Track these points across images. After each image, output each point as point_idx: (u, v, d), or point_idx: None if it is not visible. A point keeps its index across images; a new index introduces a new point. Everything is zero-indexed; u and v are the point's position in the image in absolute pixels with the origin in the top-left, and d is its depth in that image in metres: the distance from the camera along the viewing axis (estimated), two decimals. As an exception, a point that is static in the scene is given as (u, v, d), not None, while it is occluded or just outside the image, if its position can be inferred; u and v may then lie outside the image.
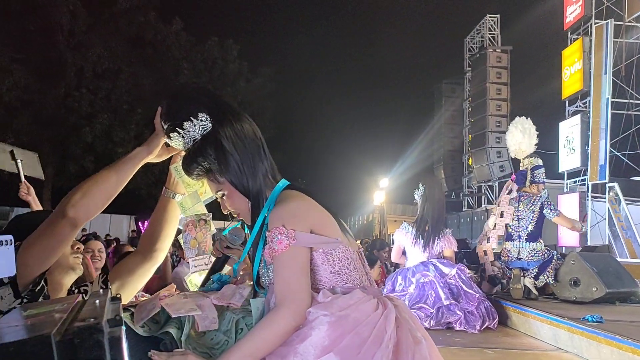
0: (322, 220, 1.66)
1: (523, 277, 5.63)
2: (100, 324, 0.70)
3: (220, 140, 1.69)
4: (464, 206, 24.84)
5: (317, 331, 1.43)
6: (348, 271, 1.65)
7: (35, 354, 0.65)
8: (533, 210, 5.72)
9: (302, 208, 1.64)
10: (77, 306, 0.92)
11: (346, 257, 1.65)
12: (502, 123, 21.51)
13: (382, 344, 1.44)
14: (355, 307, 1.50)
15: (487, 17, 23.75)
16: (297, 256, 1.56)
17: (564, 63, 16.42)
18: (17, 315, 0.90)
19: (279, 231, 1.56)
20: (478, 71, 22.46)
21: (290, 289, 1.52)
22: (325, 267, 1.63)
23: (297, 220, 1.58)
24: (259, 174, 1.73)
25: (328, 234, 1.64)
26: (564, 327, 4.35)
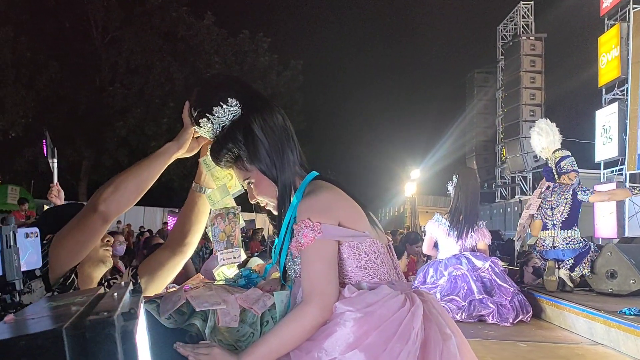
0: (350, 212, 1.62)
1: (558, 269, 5.51)
2: (113, 317, 0.69)
3: (250, 126, 1.68)
4: (497, 197, 24.50)
5: (343, 327, 1.42)
6: (375, 265, 1.62)
7: (46, 348, 0.65)
8: (566, 197, 5.59)
9: (329, 200, 1.61)
10: (96, 299, 0.92)
11: (373, 251, 1.62)
12: (536, 112, 21.12)
13: (409, 341, 1.42)
14: (382, 304, 1.47)
15: (520, 4, 23.28)
16: (323, 249, 1.54)
17: (601, 50, 15.99)
18: (40, 307, 0.91)
19: (305, 224, 1.54)
20: (511, 59, 22.06)
21: (317, 283, 1.50)
22: (351, 261, 1.60)
23: (324, 213, 1.56)
24: (288, 162, 1.71)
25: (356, 226, 1.61)
26: (600, 320, 4.25)
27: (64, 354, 0.65)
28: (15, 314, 0.84)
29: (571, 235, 5.53)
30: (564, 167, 5.67)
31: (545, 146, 5.99)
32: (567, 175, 5.65)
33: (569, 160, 5.68)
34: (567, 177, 5.66)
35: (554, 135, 5.95)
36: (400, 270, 1.75)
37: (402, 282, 1.68)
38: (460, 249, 5.37)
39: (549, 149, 5.93)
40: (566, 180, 5.66)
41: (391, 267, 1.67)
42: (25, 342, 0.64)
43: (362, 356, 1.37)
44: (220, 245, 2.15)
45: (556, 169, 5.75)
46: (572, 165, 5.68)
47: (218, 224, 2.14)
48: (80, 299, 0.91)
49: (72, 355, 0.66)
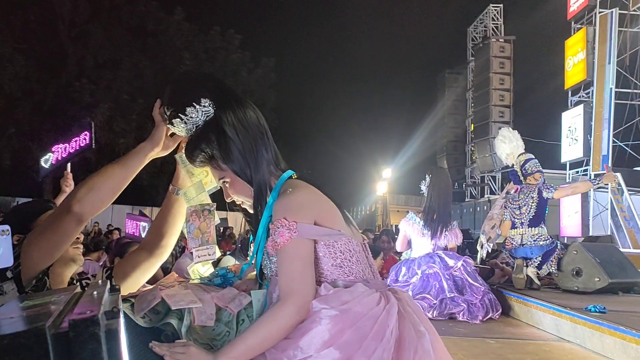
0: (325, 211, 1.63)
1: (526, 267, 5.62)
2: (97, 316, 0.68)
3: (222, 127, 1.67)
4: (467, 196, 24.82)
5: (318, 325, 1.42)
6: (350, 264, 1.62)
7: (29, 347, 0.64)
8: (532, 196, 5.77)
9: (305, 199, 1.61)
10: (74, 298, 0.90)
11: (349, 249, 1.62)
12: (504, 113, 21.46)
13: (384, 338, 1.43)
14: (357, 301, 1.48)
15: (490, 7, 23.62)
16: (300, 248, 1.54)
17: (567, 53, 16.33)
18: (14, 307, 0.89)
19: (281, 223, 1.54)
20: (481, 61, 22.36)
21: (294, 282, 1.50)
22: (327, 259, 1.60)
23: (299, 212, 1.56)
24: (262, 162, 1.70)
25: (331, 225, 1.61)
26: (566, 317, 4.34)
27: (48, 353, 0.64)
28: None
29: (538, 232, 5.67)
30: (529, 169, 5.86)
31: (509, 152, 6.21)
32: (533, 176, 5.85)
33: (533, 162, 5.88)
34: (532, 178, 5.85)
35: (517, 141, 6.20)
36: (375, 268, 1.75)
37: (377, 281, 1.68)
38: (433, 248, 5.43)
39: (514, 154, 6.16)
40: (532, 180, 5.85)
41: (366, 266, 1.67)
42: (8, 342, 0.63)
43: (337, 354, 1.38)
44: (195, 242, 2.13)
45: (522, 172, 5.95)
46: (536, 166, 5.87)
47: (193, 221, 2.12)
48: (58, 297, 0.89)
49: (55, 354, 0.65)
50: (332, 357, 1.38)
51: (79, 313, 0.70)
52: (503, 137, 6.30)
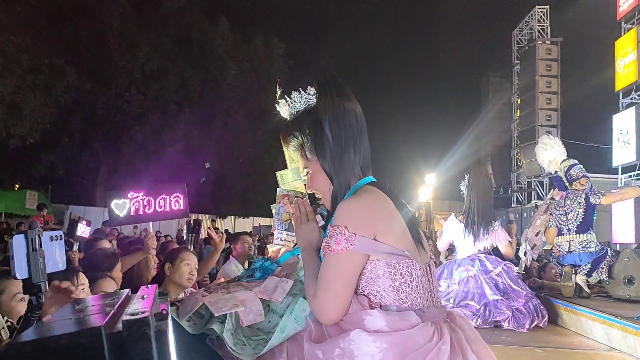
0: (389, 227, 1.56)
1: (574, 274, 5.48)
2: (148, 317, 0.73)
3: (319, 120, 1.68)
4: (513, 202, 24.33)
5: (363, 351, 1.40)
6: (409, 289, 1.56)
7: (86, 346, 0.69)
8: (579, 202, 5.62)
9: (369, 210, 1.56)
10: (125, 301, 0.96)
11: (410, 273, 1.56)
12: (552, 117, 20.99)
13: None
14: (409, 334, 1.44)
15: (536, 9, 23.17)
16: (349, 262, 1.51)
17: (618, 54, 15.87)
18: (70, 309, 0.95)
19: (340, 231, 1.51)
20: (527, 64, 21.96)
21: (325, 292, 1.49)
22: (385, 279, 1.55)
23: (361, 224, 1.52)
24: (347, 162, 1.68)
25: (394, 244, 1.54)
26: (617, 326, 4.22)
27: (103, 351, 0.69)
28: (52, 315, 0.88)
29: (587, 238, 5.52)
30: (574, 175, 5.71)
31: (551, 159, 6.09)
32: (579, 181, 5.70)
33: (578, 168, 5.74)
34: (578, 184, 5.70)
35: (558, 147, 6.08)
36: (437, 292, 1.69)
37: (435, 309, 1.61)
38: (477, 250, 5.36)
39: (556, 160, 6.03)
40: (578, 186, 5.70)
41: (427, 291, 1.61)
42: (67, 340, 0.68)
43: None
44: (282, 225, 2.15)
45: (566, 178, 5.81)
46: (582, 172, 5.72)
47: (284, 204, 2.13)
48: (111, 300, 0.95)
49: (110, 352, 0.70)
50: None
51: (131, 314, 0.75)
52: (544, 144, 6.18)
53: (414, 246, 1.59)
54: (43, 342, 0.68)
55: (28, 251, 1.44)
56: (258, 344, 1.53)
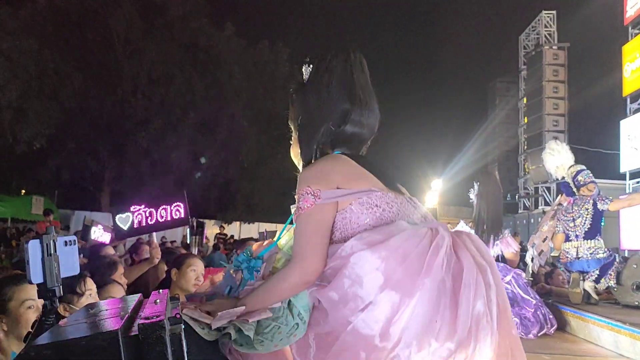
0: (349, 175, 1.65)
1: (582, 281, 5.45)
2: (163, 321, 0.73)
3: (306, 89, 1.80)
4: (520, 208, 24.26)
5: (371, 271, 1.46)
6: (391, 214, 1.64)
7: (104, 348, 0.69)
8: (586, 208, 5.59)
9: (327, 166, 1.67)
10: (139, 305, 0.96)
11: (385, 202, 1.64)
12: (559, 122, 20.97)
13: (435, 273, 1.45)
14: (404, 237, 1.51)
15: (542, 14, 23.15)
16: (319, 215, 1.60)
17: (625, 59, 15.82)
18: (86, 312, 0.95)
19: (305, 191, 1.61)
20: (534, 69, 21.94)
21: (303, 249, 1.58)
22: (365, 216, 1.62)
23: (322, 180, 1.62)
24: (315, 138, 1.76)
25: (358, 187, 1.63)
26: (625, 333, 4.19)
27: (120, 354, 0.69)
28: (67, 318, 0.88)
29: (595, 244, 5.49)
30: (581, 180, 5.69)
31: (559, 164, 6.06)
32: (586, 187, 5.66)
33: (585, 173, 5.71)
34: (586, 189, 5.67)
35: (566, 153, 6.05)
36: (430, 217, 1.75)
37: (429, 222, 1.67)
38: None
39: (564, 166, 6.00)
40: (585, 192, 5.67)
41: (414, 213, 1.68)
42: (85, 343, 0.68)
43: (394, 294, 1.42)
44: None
45: (574, 183, 5.78)
46: (589, 177, 5.70)
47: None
48: (125, 304, 0.95)
49: (126, 354, 0.70)
50: (390, 300, 1.42)
51: (146, 318, 0.75)
52: (551, 150, 6.16)
53: (381, 186, 1.67)
54: (62, 344, 0.69)
55: (43, 256, 1.45)
56: (273, 333, 1.54)
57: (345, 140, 1.77)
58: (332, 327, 1.48)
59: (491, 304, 1.49)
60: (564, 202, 5.94)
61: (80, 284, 2.57)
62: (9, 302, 2.19)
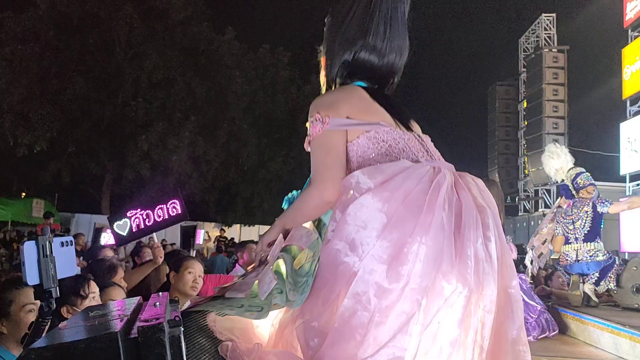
0: (360, 106, 1.70)
1: (582, 284, 5.45)
2: (162, 324, 0.74)
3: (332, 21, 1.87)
4: (520, 210, 24.24)
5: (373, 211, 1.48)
6: (397, 150, 1.67)
7: (103, 350, 0.70)
8: (586, 211, 5.60)
9: (339, 96, 1.73)
10: (138, 308, 0.97)
11: (393, 137, 1.68)
12: (559, 125, 20.95)
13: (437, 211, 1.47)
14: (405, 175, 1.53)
15: (542, 16, 23.16)
16: (329, 139, 1.65)
17: (625, 62, 15.83)
18: (86, 315, 0.96)
19: (315, 118, 1.66)
20: (533, 72, 21.94)
21: (318, 170, 1.64)
22: (371, 150, 1.67)
23: (332, 107, 1.67)
24: (337, 63, 1.82)
25: (367, 119, 1.68)
26: (625, 335, 4.19)
27: (119, 356, 0.70)
28: (67, 321, 0.89)
29: (594, 247, 5.49)
30: (581, 183, 5.71)
31: (558, 167, 6.10)
32: (585, 189, 5.69)
33: (584, 176, 5.73)
34: (585, 192, 5.69)
35: (565, 156, 6.08)
36: (438, 155, 1.77)
37: (434, 161, 1.69)
38: None
39: (563, 169, 6.03)
40: (585, 194, 5.69)
41: (421, 150, 1.71)
42: (85, 345, 0.69)
43: (395, 233, 1.44)
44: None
45: (573, 186, 5.79)
46: (589, 180, 5.71)
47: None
48: (124, 307, 0.96)
49: (126, 357, 0.71)
50: (393, 239, 1.44)
51: (145, 320, 0.76)
52: (551, 152, 6.19)
53: (391, 120, 1.72)
54: (62, 347, 0.70)
55: (39, 257, 1.46)
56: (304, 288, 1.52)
57: (362, 70, 1.81)
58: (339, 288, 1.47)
59: (490, 245, 1.50)
60: (564, 205, 5.95)
61: (84, 287, 2.58)
62: (10, 306, 2.20)
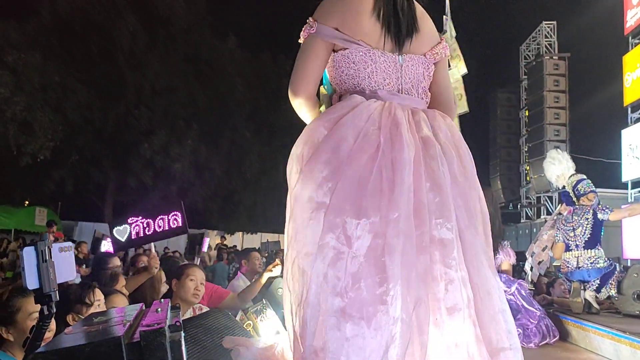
0: (352, 18, 1.71)
1: (583, 290, 5.46)
2: (163, 328, 0.77)
3: None
4: (523, 217, 24.21)
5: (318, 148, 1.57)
6: (363, 75, 1.70)
7: (108, 354, 0.73)
8: (586, 218, 5.62)
9: (337, 5, 1.73)
10: (140, 314, 1.00)
11: (364, 60, 1.70)
12: (560, 132, 20.97)
13: (367, 144, 1.54)
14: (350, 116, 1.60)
15: (543, 24, 23.23)
16: (309, 44, 1.74)
17: (625, 69, 15.85)
18: (90, 321, 0.99)
19: (308, 21, 1.74)
20: (535, 79, 21.98)
21: (294, 70, 1.76)
22: (343, 69, 1.73)
23: (324, 16, 1.72)
24: None
25: (352, 34, 1.70)
26: (626, 342, 4.20)
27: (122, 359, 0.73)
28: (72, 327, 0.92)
29: (595, 254, 5.51)
30: (582, 190, 5.72)
31: (559, 173, 6.09)
32: (586, 196, 5.70)
33: (585, 183, 5.74)
34: (586, 199, 5.70)
35: (566, 162, 6.08)
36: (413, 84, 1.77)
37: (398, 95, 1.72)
38: None
39: (564, 175, 6.03)
40: (585, 201, 5.71)
41: (388, 77, 1.72)
42: (90, 349, 0.72)
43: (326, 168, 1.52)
44: None
45: (574, 193, 5.81)
46: (590, 187, 5.72)
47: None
48: (127, 313, 0.99)
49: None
50: (320, 170, 1.52)
51: (147, 325, 0.79)
52: (552, 158, 6.19)
53: (379, 37, 1.72)
54: (67, 351, 0.72)
55: (38, 262, 1.49)
56: None
57: None
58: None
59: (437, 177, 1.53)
60: (564, 212, 5.96)
61: (89, 295, 2.61)
62: (17, 314, 2.22)
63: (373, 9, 1.71)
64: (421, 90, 1.79)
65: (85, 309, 2.56)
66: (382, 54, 1.71)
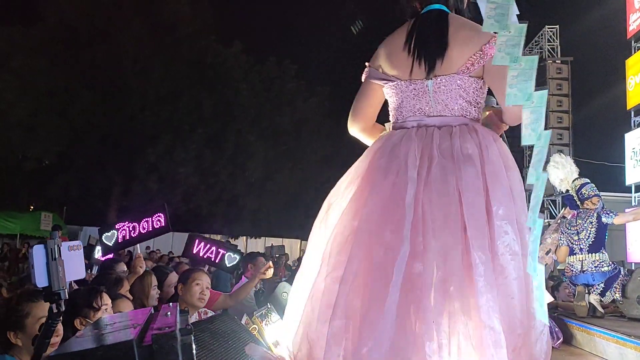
0: (392, 56, 1.93)
1: (588, 294, 5.46)
2: (175, 332, 0.79)
3: None
4: (526, 221, 24.14)
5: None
6: (395, 106, 1.94)
7: (120, 357, 0.74)
8: (591, 221, 5.62)
9: (381, 47, 1.99)
10: (150, 317, 1.02)
11: (395, 93, 1.92)
12: (563, 135, 20.94)
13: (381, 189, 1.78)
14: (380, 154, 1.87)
15: (545, 28, 23.20)
16: (364, 86, 2.04)
17: (628, 72, 15.82)
18: (100, 325, 1.01)
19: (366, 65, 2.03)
20: (537, 83, 21.92)
21: (352, 110, 2.08)
22: (390, 101, 1.99)
23: (374, 56, 2.00)
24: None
25: (388, 69, 1.92)
26: (631, 346, 4.20)
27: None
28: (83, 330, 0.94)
29: (600, 258, 5.50)
30: (585, 194, 5.73)
31: (563, 177, 6.09)
32: (590, 200, 5.71)
33: (589, 187, 5.75)
34: (590, 202, 5.71)
35: (570, 166, 6.08)
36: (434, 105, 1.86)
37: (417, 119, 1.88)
38: None
39: (568, 179, 6.04)
40: (590, 205, 5.71)
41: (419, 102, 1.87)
42: (102, 353, 0.74)
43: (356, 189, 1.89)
44: None
45: (578, 197, 5.82)
46: (593, 191, 5.73)
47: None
48: (138, 316, 1.01)
49: (141, 363, 0.76)
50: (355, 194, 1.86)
51: (159, 329, 0.81)
52: (556, 162, 6.19)
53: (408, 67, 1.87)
54: (80, 354, 0.74)
55: (48, 260, 1.50)
56: None
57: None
58: None
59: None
60: (568, 215, 5.97)
61: (96, 299, 2.63)
62: (26, 318, 2.24)
63: (405, 41, 1.89)
64: (457, 107, 1.84)
65: (93, 313, 2.57)
66: (410, 83, 1.86)
